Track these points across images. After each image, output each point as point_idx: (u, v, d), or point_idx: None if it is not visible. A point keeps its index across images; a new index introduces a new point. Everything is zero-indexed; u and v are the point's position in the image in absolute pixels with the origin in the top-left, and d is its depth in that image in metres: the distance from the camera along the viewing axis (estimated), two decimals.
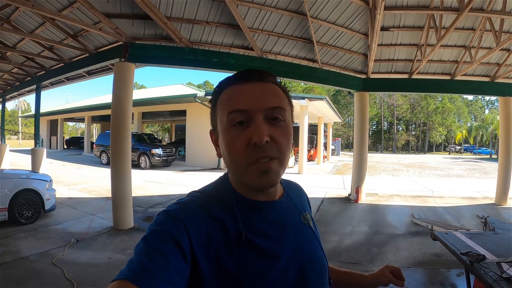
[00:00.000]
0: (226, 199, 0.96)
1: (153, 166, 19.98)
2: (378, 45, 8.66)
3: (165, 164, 20.68)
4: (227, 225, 0.90)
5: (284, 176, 1.04)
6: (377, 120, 74.68)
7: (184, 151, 23.66)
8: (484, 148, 63.20)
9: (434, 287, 5.02)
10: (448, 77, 10.86)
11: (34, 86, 12.82)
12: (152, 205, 9.64)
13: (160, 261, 0.76)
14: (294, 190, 1.21)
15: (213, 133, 1.01)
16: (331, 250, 6.39)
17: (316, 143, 28.60)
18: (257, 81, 0.95)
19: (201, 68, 8.48)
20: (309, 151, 26.97)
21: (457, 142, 68.58)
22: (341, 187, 13.97)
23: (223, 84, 0.98)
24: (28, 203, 7.47)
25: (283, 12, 7.62)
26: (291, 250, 0.97)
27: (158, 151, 20.01)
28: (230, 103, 0.91)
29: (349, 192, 11.69)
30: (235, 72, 0.98)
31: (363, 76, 10.81)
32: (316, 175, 19.17)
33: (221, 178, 1.06)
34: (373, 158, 37.30)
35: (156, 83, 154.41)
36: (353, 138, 12.06)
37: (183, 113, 23.07)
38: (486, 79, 10.99)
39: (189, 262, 0.81)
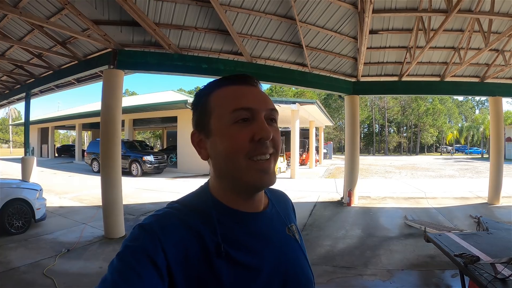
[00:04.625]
0: (206, 209, 0.93)
1: (144, 174, 19.85)
2: (367, 48, 8.70)
3: (157, 171, 20.56)
4: (206, 238, 0.87)
5: (277, 181, 1.02)
6: (368, 123, 75.05)
7: (176, 158, 23.59)
8: (476, 148, 63.82)
9: None
10: (438, 79, 10.95)
11: (24, 94, 12.74)
12: (143, 213, 9.55)
13: (134, 280, 0.74)
14: (279, 200, 1.18)
15: (198, 134, 0.98)
16: (324, 255, 6.38)
17: (308, 147, 28.66)
18: (253, 85, 0.97)
19: (191, 74, 8.47)
20: (301, 155, 27.09)
21: (448, 143, 69.06)
22: (333, 191, 14.00)
23: (215, 85, 0.97)
24: (18, 213, 7.39)
25: (272, 16, 7.63)
26: (273, 264, 0.93)
27: (150, 158, 19.90)
28: (234, 101, 0.91)
29: (342, 196, 11.70)
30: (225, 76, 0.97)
31: (353, 80, 10.85)
32: (309, 179, 19.20)
33: (201, 187, 1.03)
34: (365, 161, 37.51)
35: (147, 89, 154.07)
36: (345, 141, 12.09)
37: (174, 119, 23.03)
38: (476, 80, 11.10)
39: (165, 279, 0.78)
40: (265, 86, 72.34)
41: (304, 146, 29.31)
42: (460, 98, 75.52)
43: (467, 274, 3.11)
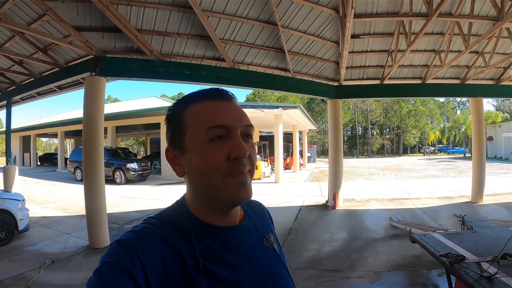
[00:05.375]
0: (183, 224, 0.92)
1: (128, 181, 19.64)
2: (349, 52, 8.80)
3: (141, 178, 20.36)
4: (184, 253, 0.86)
5: (261, 186, 1.00)
6: (351, 125, 75.53)
7: (160, 165, 23.46)
8: (458, 147, 64.89)
9: None
10: (419, 81, 11.14)
11: (5, 102, 12.54)
12: (128, 222, 9.47)
13: None
14: (255, 211, 1.17)
15: (173, 150, 0.97)
16: (310, 259, 6.40)
17: (292, 151, 28.75)
18: (228, 100, 0.96)
19: (173, 81, 8.45)
20: (285, 159, 27.21)
21: (430, 143, 69.89)
22: (318, 194, 14.06)
23: (189, 100, 0.96)
24: (1, 224, 7.24)
25: (254, 22, 7.67)
26: (253, 277, 0.94)
27: (133, 165, 19.71)
28: (209, 118, 0.89)
29: (327, 199, 11.74)
30: (206, 85, 0.96)
31: (336, 84, 10.95)
32: (293, 183, 19.22)
33: (177, 202, 1.01)
34: (349, 163, 37.68)
35: (130, 96, 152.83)
36: (328, 145, 12.18)
37: (157, 126, 22.91)
38: (457, 82, 11.35)
39: None
40: (247, 91, 72.65)
41: (288, 150, 29.46)
42: (442, 99, 76.45)
43: (453, 273, 3.15)
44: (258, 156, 21.49)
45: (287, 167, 28.18)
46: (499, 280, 2.66)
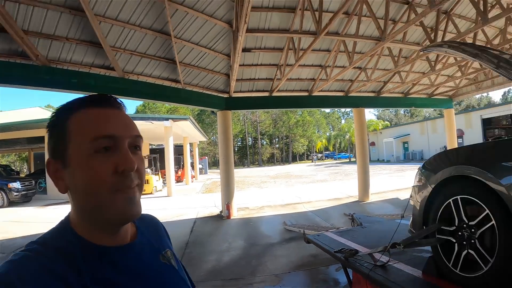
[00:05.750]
0: (69, 248, 0.81)
1: (11, 203, 17.68)
2: (240, 65, 9.07)
3: (25, 199, 18.47)
4: (71, 282, 0.75)
5: (154, 200, 0.95)
6: (241, 136, 76.72)
7: (45, 183, 21.83)
8: (343, 153, 69.45)
9: (318, 285, 5.34)
10: (306, 94, 12.01)
11: None
12: (14, 250, 8.50)
13: None
14: (149, 226, 1.09)
15: (55, 163, 0.85)
16: (210, 270, 6.42)
17: (183, 163, 28.64)
18: (116, 108, 0.89)
19: (59, 90, 7.83)
20: (176, 172, 26.99)
21: (317, 151, 73.59)
22: (212, 205, 14.11)
23: (74, 106, 0.86)
24: None
25: (147, 31, 7.58)
26: None
27: (16, 185, 17.88)
28: (95, 127, 0.82)
29: (221, 209, 11.91)
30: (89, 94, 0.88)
31: (226, 95, 11.28)
32: (186, 196, 19.12)
33: (61, 222, 0.89)
34: (241, 173, 38.19)
35: (11, 105, 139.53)
36: (219, 156, 12.37)
37: (41, 139, 21.15)
38: (341, 94, 12.58)
39: None
40: (137, 102, 70.75)
41: (179, 162, 29.27)
42: (328, 110, 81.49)
43: (349, 266, 3.40)
44: (148, 170, 21.19)
45: (179, 179, 28.14)
46: (392, 267, 2.94)
